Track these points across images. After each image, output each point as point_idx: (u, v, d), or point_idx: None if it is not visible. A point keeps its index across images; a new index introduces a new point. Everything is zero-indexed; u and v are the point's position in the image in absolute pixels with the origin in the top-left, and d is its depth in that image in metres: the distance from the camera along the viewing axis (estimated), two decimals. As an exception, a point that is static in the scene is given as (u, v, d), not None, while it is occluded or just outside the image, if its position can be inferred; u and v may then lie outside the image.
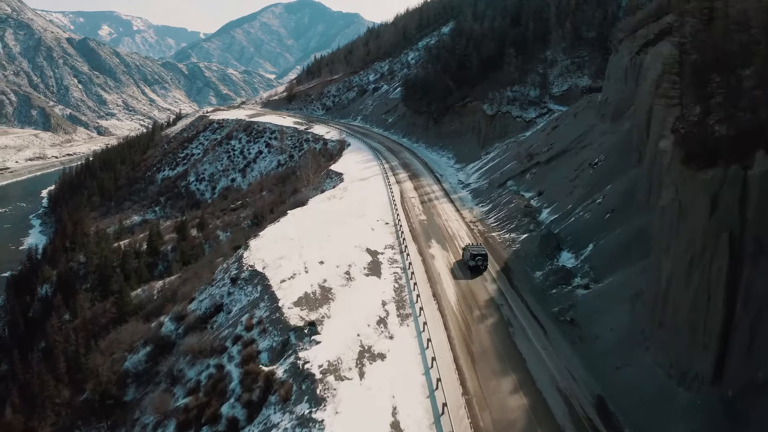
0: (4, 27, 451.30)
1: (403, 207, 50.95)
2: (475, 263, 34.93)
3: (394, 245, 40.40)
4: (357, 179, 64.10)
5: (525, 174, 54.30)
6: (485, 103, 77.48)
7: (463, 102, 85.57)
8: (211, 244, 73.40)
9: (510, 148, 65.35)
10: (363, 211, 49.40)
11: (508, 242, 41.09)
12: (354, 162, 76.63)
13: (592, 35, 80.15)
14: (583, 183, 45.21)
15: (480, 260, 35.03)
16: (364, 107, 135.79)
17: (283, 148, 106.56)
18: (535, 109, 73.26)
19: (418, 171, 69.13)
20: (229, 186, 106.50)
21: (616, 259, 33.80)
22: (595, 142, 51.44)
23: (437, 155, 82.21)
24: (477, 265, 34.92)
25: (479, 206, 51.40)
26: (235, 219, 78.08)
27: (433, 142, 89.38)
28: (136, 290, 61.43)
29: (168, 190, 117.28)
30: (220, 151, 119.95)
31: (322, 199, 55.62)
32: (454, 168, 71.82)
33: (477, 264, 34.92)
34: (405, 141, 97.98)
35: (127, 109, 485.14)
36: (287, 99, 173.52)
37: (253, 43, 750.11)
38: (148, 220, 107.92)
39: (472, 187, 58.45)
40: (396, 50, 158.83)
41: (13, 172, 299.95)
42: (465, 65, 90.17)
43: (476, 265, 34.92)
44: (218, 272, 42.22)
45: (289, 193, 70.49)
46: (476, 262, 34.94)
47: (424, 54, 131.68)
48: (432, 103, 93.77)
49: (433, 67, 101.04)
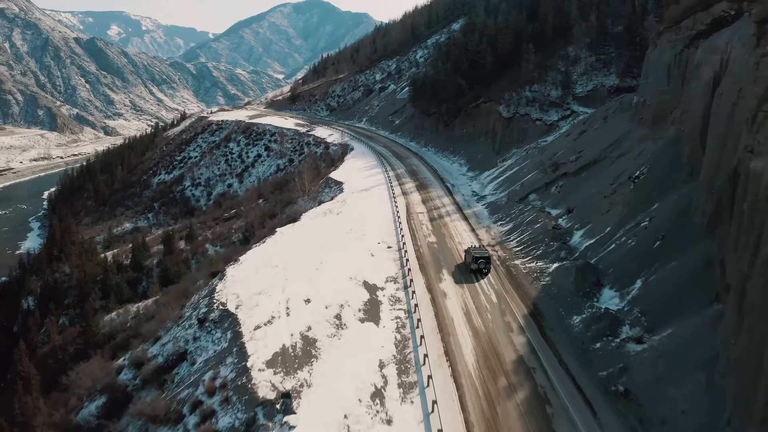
0: (11, 27, 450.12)
1: (409, 225, 44.00)
2: (477, 266, 33.63)
3: (397, 277, 33.48)
4: (358, 189, 57.27)
5: (550, 187, 47.15)
6: (501, 104, 70.33)
7: (476, 103, 78.44)
8: (198, 259, 66.87)
9: (530, 155, 58.20)
10: (362, 231, 42.55)
11: (536, 273, 34.01)
12: (356, 169, 69.81)
13: (618, 29, 72.75)
14: (623, 200, 38.05)
15: (482, 263, 33.69)
16: (369, 108, 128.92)
17: (283, 152, 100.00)
18: (556, 111, 66.02)
19: (427, 180, 62.14)
20: (225, 192, 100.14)
21: (674, 303, 26.76)
22: (632, 151, 44.22)
23: (448, 161, 75.16)
24: (480, 269, 33.66)
25: (498, 225, 44.31)
26: (227, 231, 71.51)
27: (443, 146, 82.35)
28: (111, 314, 55.03)
29: (163, 196, 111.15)
30: (217, 154, 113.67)
31: (317, 214, 48.84)
32: (466, 176, 64.74)
33: (480, 267, 33.66)
34: (413, 145, 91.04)
35: (135, 109, 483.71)
36: (290, 99, 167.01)
37: (261, 43, 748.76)
38: (140, 227, 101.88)
39: (489, 201, 51.35)
40: (404, 48, 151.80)
41: (16, 173, 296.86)
42: (478, 63, 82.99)
43: (479, 268, 33.64)
44: (188, 308, 35.54)
45: (283, 204, 63.83)
46: (478, 265, 33.65)
47: (433, 52, 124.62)
48: (442, 103, 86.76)
49: (443, 65, 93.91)
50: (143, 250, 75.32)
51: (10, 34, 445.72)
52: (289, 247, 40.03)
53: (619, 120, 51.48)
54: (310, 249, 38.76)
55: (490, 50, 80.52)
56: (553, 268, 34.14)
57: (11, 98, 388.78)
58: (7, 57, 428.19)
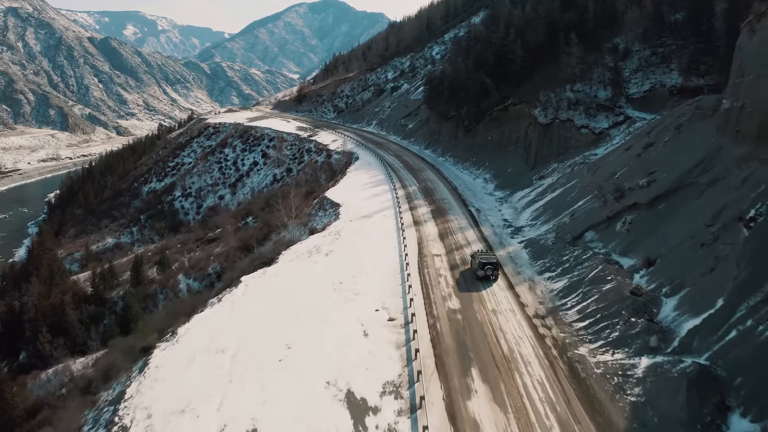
0: (24, 26, 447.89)
1: (421, 278, 31.87)
2: (485, 273, 31.29)
3: (400, 385, 21.41)
4: (358, 216, 45.33)
5: (614, 222, 34.62)
6: (536, 107, 57.77)
7: (503, 105, 65.98)
8: (168, 294, 55.62)
9: (577, 174, 45.71)
10: (356, 286, 30.64)
11: (616, 378, 21.68)
12: (359, 185, 57.95)
13: (678, 17, 59.85)
14: (734, 254, 25.45)
15: (490, 269, 31.32)
16: (380, 110, 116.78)
17: (281, 160, 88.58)
18: (606, 117, 53.39)
19: (445, 201, 49.90)
20: (216, 205, 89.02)
21: None
22: (730, 176, 31.43)
23: (470, 175, 62.88)
24: (487, 275, 31.31)
25: (546, 278, 31.88)
26: (205, 258, 60.13)
27: (463, 156, 70.03)
28: (46, 372, 43.81)
29: (150, 207, 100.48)
30: (211, 161, 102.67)
31: (300, 254, 37.02)
32: (494, 197, 52.37)
33: (487, 274, 31.33)
34: (428, 154, 78.86)
35: (148, 108, 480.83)
36: (296, 100, 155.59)
37: (276, 43, 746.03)
38: (122, 244, 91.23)
39: (528, 237, 38.89)
40: (419, 44, 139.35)
41: (23, 174, 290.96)
42: (505, 58, 70.42)
43: (486, 275, 31.30)
44: (88, 416, 23.95)
45: (268, 229, 52.21)
46: (486, 271, 31.32)
47: (451, 47, 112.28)
48: (462, 105, 74.45)
49: (463, 61, 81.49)
50: (110, 278, 64.39)
51: (23, 34, 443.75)
52: (251, 311, 28.30)
53: (699, 131, 38.67)
54: (278, 318, 27.05)
55: (520, 43, 67.85)
56: (642, 369, 21.75)
57: (23, 98, 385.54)
58: (20, 56, 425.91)
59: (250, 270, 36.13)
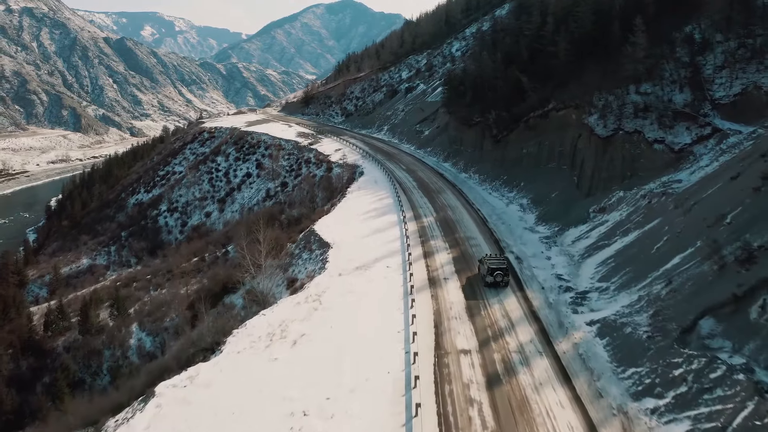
0: (39, 26, 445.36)
1: (439, 409, 19.05)
2: (494, 279, 28.91)
3: None
4: (351, 267, 32.75)
5: (746, 306, 21.50)
6: (591, 113, 44.50)
7: (543, 110, 52.81)
8: (114, 353, 43.73)
9: (659, 209, 32.50)
10: (329, 423, 18.11)
11: None
12: (360, 213, 45.40)
13: (772, -2, 46.29)
14: None
15: (500, 275, 28.98)
16: (392, 113, 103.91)
17: (276, 172, 76.58)
18: (688, 128, 39.99)
19: (472, 242, 37.00)
20: (201, 224, 77.33)
21: None
22: None
23: (501, 198, 49.89)
24: (497, 281, 28.90)
25: (647, 410, 18.83)
26: (168, 301, 48.14)
27: (491, 172, 57.06)
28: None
29: (134, 222, 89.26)
30: (202, 171, 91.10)
31: (256, 340, 24.54)
32: (537, 234, 39.26)
33: (496, 280, 28.92)
34: (447, 168, 65.94)
35: (163, 109, 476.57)
36: (303, 102, 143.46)
37: (293, 44, 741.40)
38: (97, 266, 79.99)
39: (602, 314, 25.70)
40: (436, 40, 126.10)
41: (30, 176, 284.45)
42: (543, 52, 57.27)
43: (495, 281, 28.92)
44: None
45: (236, 275, 39.86)
46: (495, 278, 28.92)
47: (474, 43, 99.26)
48: (489, 110, 61.46)
49: (490, 56, 68.37)
50: (58, 320, 52.88)
51: (38, 34, 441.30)
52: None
53: None
54: None
55: (564, 32, 54.57)
56: None
57: (35, 98, 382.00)
58: (35, 56, 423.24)
59: (181, 362, 23.86)
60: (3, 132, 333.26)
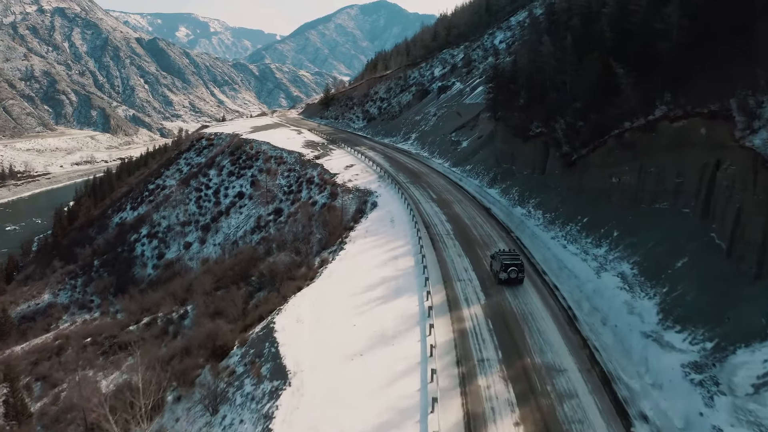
0: (71, 26, 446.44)
1: None
2: (508, 276, 26.60)
3: None
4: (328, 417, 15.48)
5: None
6: (754, 129, 26.02)
7: (647, 118, 34.25)
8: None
9: None
10: None
11: None
12: (356, 291, 27.88)
13: None
14: None
15: (514, 271, 26.63)
16: (422, 118, 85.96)
17: (271, 193, 60.19)
18: None
19: (558, 379, 19.36)
20: (179, 257, 61.57)
21: None
22: None
23: (584, 258, 31.62)
24: (511, 278, 26.63)
25: None
26: (77, 407, 31.79)
27: (562, 209, 38.80)
28: None
29: (110, 248, 74.36)
30: (191, 187, 75.57)
31: None
32: (671, 353, 21.05)
33: (511, 277, 26.63)
34: (494, 197, 47.74)
35: (194, 110, 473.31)
36: (322, 104, 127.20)
37: (327, 45, 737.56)
38: (54, 305, 65.05)
39: None
40: (476, 31, 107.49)
41: (51, 179, 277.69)
42: (642, 34, 38.64)
43: (509, 278, 26.62)
44: None
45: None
46: (509, 274, 26.60)
47: (523, 31, 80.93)
48: (556, 116, 43.27)
49: (556, 42, 49.90)
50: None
51: (69, 34, 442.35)
52: None
53: None
54: None
55: (679, 6, 35.77)
56: None
57: (65, 98, 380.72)
58: (66, 57, 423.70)
59: None
60: (30, 132, 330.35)
